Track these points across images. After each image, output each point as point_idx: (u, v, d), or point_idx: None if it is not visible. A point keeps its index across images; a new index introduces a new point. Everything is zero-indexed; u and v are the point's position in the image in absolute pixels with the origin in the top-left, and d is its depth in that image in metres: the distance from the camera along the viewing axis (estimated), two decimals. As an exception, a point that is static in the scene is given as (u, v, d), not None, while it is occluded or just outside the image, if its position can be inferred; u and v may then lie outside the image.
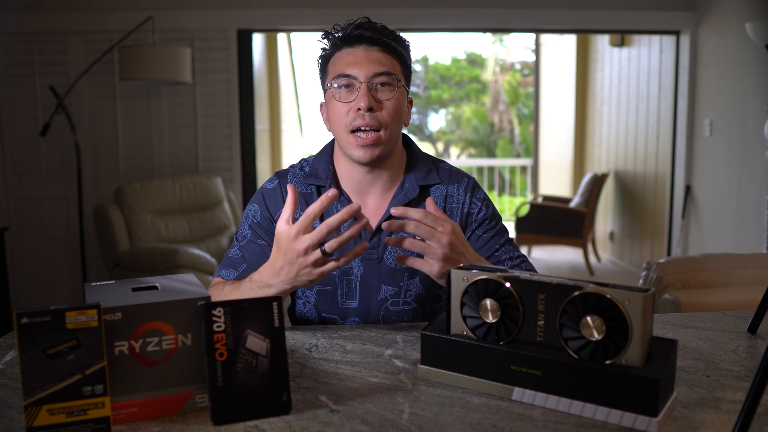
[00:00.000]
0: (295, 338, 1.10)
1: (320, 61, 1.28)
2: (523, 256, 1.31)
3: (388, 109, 1.21)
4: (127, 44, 3.62)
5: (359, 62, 1.21)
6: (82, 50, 3.98)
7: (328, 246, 0.99)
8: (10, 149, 4.04)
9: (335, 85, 1.22)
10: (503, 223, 1.35)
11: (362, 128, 1.19)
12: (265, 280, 1.08)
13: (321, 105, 1.32)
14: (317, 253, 1.00)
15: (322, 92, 1.31)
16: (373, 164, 1.24)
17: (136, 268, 3.29)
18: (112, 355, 0.76)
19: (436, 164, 1.34)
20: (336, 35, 1.24)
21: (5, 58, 3.97)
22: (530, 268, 1.28)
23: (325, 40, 1.26)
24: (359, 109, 1.19)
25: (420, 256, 1.09)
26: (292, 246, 1.00)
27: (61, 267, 4.13)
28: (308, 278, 1.03)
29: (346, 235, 1.00)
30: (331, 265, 1.02)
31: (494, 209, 1.33)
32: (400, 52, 1.25)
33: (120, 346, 0.76)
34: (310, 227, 1.00)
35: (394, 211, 1.04)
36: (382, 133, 1.20)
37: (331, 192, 0.98)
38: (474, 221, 1.30)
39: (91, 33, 3.98)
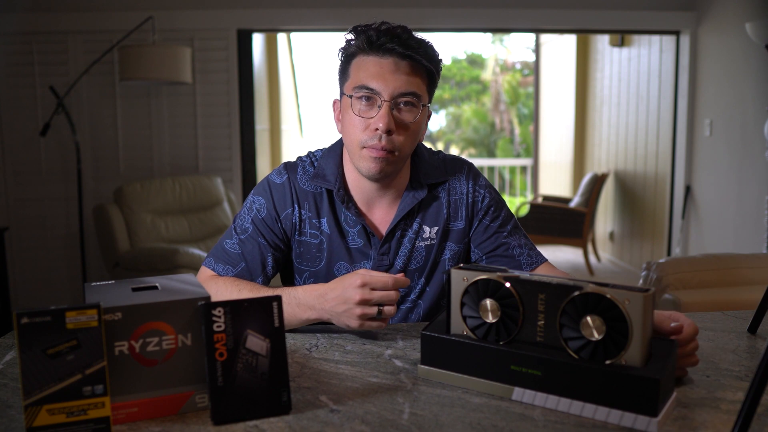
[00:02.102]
0: (295, 338, 1.10)
1: (342, 56, 1.20)
2: (530, 243, 1.30)
3: (405, 133, 1.16)
4: (127, 44, 3.62)
5: (385, 77, 1.13)
6: (82, 50, 3.98)
7: (387, 311, 1.01)
8: (10, 149, 4.04)
9: (356, 96, 1.15)
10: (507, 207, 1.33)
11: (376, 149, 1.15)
12: (311, 302, 1.07)
13: (335, 102, 1.25)
14: (373, 310, 1.01)
15: (338, 89, 1.23)
16: (381, 179, 1.20)
17: (136, 268, 3.29)
18: (112, 355, 0.76)
19: (438, 157, 1.32)
20: (366, 34, 1.14)
21: (5, 58, 3.97)
22: (538, 255, 1.29)
23: (352, 35, 1.17)
24: (377, 129, 1.13)
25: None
26: (354, 292, 1.00)
27: (61, 267, 4.13)
28: (347, 323, 1.03)
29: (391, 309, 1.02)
30: (376, 324, 1.03)
31: (497, 194, 1.31)
32: (429, 70, 1.17)
33: (120, 346, 0.76)
34: (380, 285, 1.00)
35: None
36: (396, 153, 1.16)
37: (402, 279, 1.02)
38: (480, 210, 1.28)
39: (91, 33, 3.98)
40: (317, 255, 1.25)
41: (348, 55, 1.18)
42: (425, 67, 1.16)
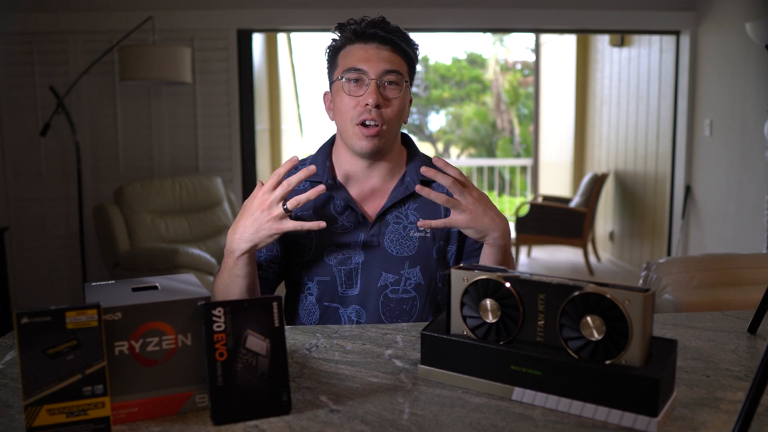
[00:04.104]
0: (295, 338, 1.10)
1: (330, 51, 1.32)
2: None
3: (393, 108, 1.26)
4: (127, 44, 3.62)
5: (371, 59, 1.25)
6: (82, 50, 3.98)
7: (289, 203, 1.11)
8: (10, 149, 4.04)
9: (345, 79, 1.26)
10: None
11: (367, 122, 1.25)
12: (228, 247, 1.16)
13: (325, 94, 1.36)
14: (279, 208, 1.11)
15: (327, 82, 1.34)
16: (373, 156, 1.28)
17: (136, 268, 3.29)
18: (112, 355, 0.76)
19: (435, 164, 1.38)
20: (351, 28, 1.28)
21: (5, 58, 3.97)
22: None
23: (338, 32, 1.30)
24: (367, 104, 1.23)
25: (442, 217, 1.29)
26: (254, 205, 1.12)
27: (61, 267, 4.13)
28: (268, 233, 1.12)
29: (303, 196, 1.12)
30: (291, 224, 1.12)
31: None
32: (408, 54, 1.30)
33: (120, 346, 0.76)
34: (275, 186, 1.12)
35: (425, 170, 1.16)
36: (384, 128, 1.26)
37: (292, 158, 1.14)
38: None
39: (91, 33, 3.98)
40: (306, 245, 1.31)
41: (336, 49, 1.31)
42: (404, 50, 1.29)
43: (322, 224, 1.11)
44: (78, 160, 3.56)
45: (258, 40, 5.45)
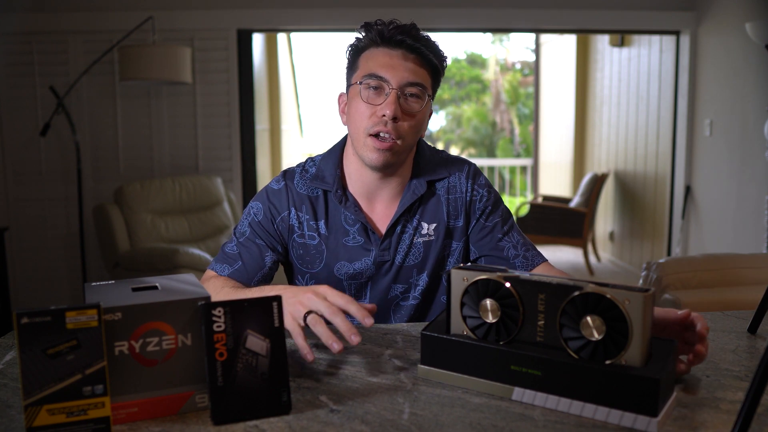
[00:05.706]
0: (295, 338, 1.10)
1: (351, 51, 1.24)
2: (528, 243, 1.30)
3: (410, 122, 1.18)
4: (127, 44, 3.62)
5: (395, 66, 1.17)
6: (82, 50, 3.98)
7: (309, 319, 0.93)
8: (10, 149, 4.04)
9: (364, 84, 1.18)
10: (505, 206, 1.34)
11: (381, 134, 1.17)
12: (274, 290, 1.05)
13: (341, 95, 1.28)
14: (302, 320, 0.94)
15: (345, 83, 1.26)
16: (384, 170, 1.22)
17: (136, 268, 3.29)
18: (112, 355, 0.76)
19: (440, 155, 1.33)
20: (378, 29, 1.19)
21: (5, 58, 3.97)
22: (535, 256, 1.28)
23: (363, 32, 1.21)
24: (383, 115, 1.16)
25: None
26: (309, 290, 0.96)
27: (61, 267, 4.13)
28: (285, 310, 0.95)
29: (322, 330, 0.91)
30: (296, 332, 0.93)
31: (496, 194, 1.32)
32: (435, 66, 1.22)
33: (120, 346, 0.76)
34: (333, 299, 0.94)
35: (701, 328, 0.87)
36: (399, 142, 1.18)
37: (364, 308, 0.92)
38: (477, 209, 1.29)
39: (91, 33, 3.98)
40: (316, 257, 1.27)
41: (359, 49, 1.22)
42: (431, 62, 1.20)
43: (310, 359, 0.90)
44: (78, 160, 3.56)
45: (258, 40, 5.45)
